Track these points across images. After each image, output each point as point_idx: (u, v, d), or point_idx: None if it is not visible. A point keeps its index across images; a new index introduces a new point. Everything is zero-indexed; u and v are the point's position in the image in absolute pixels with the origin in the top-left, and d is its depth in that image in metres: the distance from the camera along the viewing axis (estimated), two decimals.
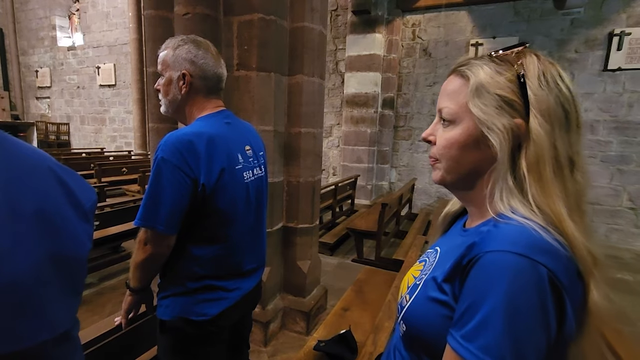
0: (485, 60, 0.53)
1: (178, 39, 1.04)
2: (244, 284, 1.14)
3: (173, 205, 0.93)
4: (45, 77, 11.07)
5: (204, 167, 0.95)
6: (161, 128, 2.14)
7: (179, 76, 1.02)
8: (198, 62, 1.02)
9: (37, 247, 0.51)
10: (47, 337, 0.52)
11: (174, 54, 1.02)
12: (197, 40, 1.05)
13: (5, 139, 0.53)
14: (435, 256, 0.59)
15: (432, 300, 0.52)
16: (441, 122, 0.56)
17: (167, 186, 0.91)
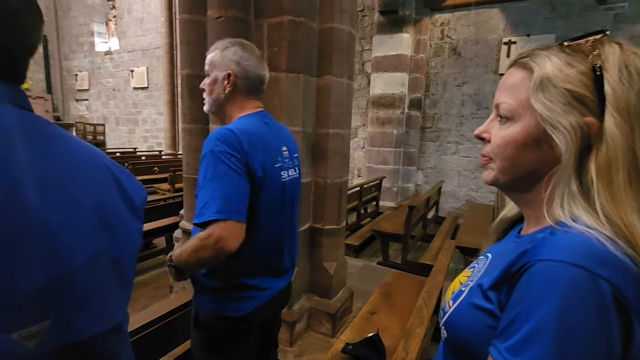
0: (554, 51, 0.48)
1: (226, 41, 1.08)
2: (275, 284, 1.16)
3: (240, 192, 0.94)
4: (84, 80, 11.71)
5: (249, 158, 0.97)
6: (193, 129, 2.20)
7: (224, 76, 1.06)
8: (243, 63, 1.06)
9: (96, 240, 0.53)
10: (102, 329, 0.54)
11: (222, 55, 1.06)
12: (243, 43, 1.09)
13: (68, 138, 0.56)
14: (484, 263, 0.56)
15: (476, 308, 0.49)
16: (498, 119, 0.52)
17: (229, 173, 0.93)
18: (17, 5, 0.48)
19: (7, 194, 0.43)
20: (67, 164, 0.52)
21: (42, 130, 0.52)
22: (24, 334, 0.43)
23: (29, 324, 0.44)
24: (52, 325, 0.46)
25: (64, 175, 0.51)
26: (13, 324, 0.42)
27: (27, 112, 0.51)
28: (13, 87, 0.51)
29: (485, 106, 5.50)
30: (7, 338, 0.42)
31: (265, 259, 1.10)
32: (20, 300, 0.43)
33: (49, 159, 0.50)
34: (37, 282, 0.45)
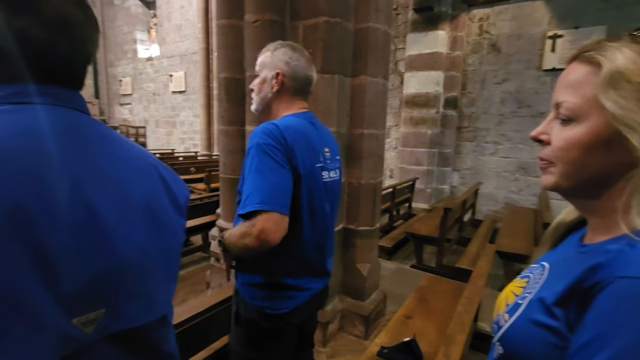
0: (625, 42, 0.43)
1: (277, 43, 1.12)
2: (315, 284, 1.16)
3: (284, 185, 0.95)
4: (127, 86, 12.42)
5: (292, 154, 0.98)
6: (230, 130, 2.26)
7: (272, 75, 1.09)
8: (292, 63, 1.08)
9: (145, 236, 0.56)
10: (150, 319, 0.57)
11: (272, 56, 1.10)
12: (293, 45, 1.12)
13: (120, 139, 0.59)
14: (541, 273, 0.51)
15: (538, 325, 0.45)
16: (558, 119, 0.48)
17: (274, 167, 0.95)
18: (78, 19, 0.52)
19: (70, 190, 0.47)
20: (120, 163, 0.56)
21: (99, 132, 0.55)
22: (82, 320, 0.46)
23: (87, 310, 0.47)
24: (106, 313, 0.49)
25: (118, 174, 0.54)
26: (74, 310, 0.45)
27: (86, 115, 0.55)
28: (74, 93, 0.55)
29: (527, 104, 5.21)
30: (69, 323, 0.45)
31: (308, 259, 1.11)
32: (80, 289, 0.46)
33: (104, 159, 0.53)
34: (94, 272, 0.48)
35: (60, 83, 0.52)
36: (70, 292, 0.45)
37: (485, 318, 2.22)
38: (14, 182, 0.42)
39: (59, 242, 0.44)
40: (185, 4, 10.01)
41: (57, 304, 0.43)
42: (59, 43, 0.50)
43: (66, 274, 0.44)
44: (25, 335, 0.41)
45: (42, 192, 0.44)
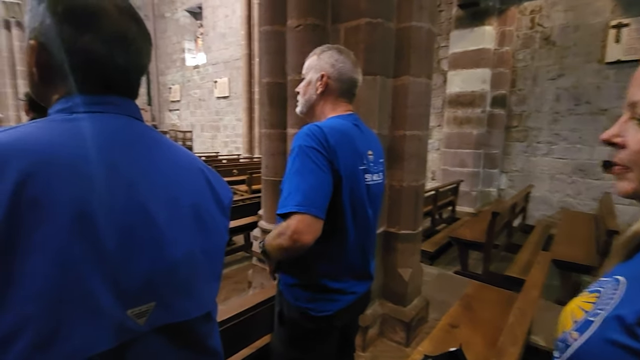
0: None
1: (324, 46, 1.14)
2: (359, 287, 1.15)
3: (323, 189, 0.96)
4: (176, 93, 13.19)
5: (335, 156, 0.98)
6: (272, 133, 2.31)
7: (317, 77, 1.11)
8: (337, 65, 1.09)
9: (192, 236, 0.59)
10: (196, 314, 0.60)
11: (318, 58, 1.12)
12: (339, 48, 1.13)
13: (170, 144, 0.63)
14: (615, 288, 0.46)
15: (615, 346, 0.40)
16: (635, 120, 0.44)
17: (314, 170, 0.95)
18: (133, 34, 0.56)
19: (126, 193, 0.50)
20: (170, 167, 0.59)
21: (151, 138, 0.59)
22: (135, 311, 0.50)
23: (140, 303, 0.50)
24: (156, 306, 0.52)
25: (168, 177, 0.57)
26: (128, 302, 0.49)
27: (140, 122, 0.59)
28: (130, 102, 0.59)
29: (586, 100, 4.79)
30: (124, 314, 0.48)
31: (351, 262, 1.10)
32: (134, 283, 0.50)
33: (156, 163, 0.57)
34: (146, 269, 0.51)
35: (118, 93, 0.57)
36: (126, 286, 0.49)
37: (538, 331, 2.07)
38: (80, 186, 0.46)
39: (118, 241, 0.48)
40: (229, 13, 10.43)
41: (115, 296, 0.47)
42: (117, 56, 0.54)
43: (122, 270, 0.48)
44: (88, 322, 0.45)
45: (103, 195, 0.47)
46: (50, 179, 0.43)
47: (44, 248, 0.42)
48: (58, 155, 0.45)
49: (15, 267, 0.40)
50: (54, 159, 0.45)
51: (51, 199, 0.43)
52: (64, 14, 0.50)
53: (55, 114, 0.52)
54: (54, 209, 0.43)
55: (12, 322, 0.40)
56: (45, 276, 0.42)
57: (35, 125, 0.48)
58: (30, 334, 0.41)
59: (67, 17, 0.50)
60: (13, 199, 0.40)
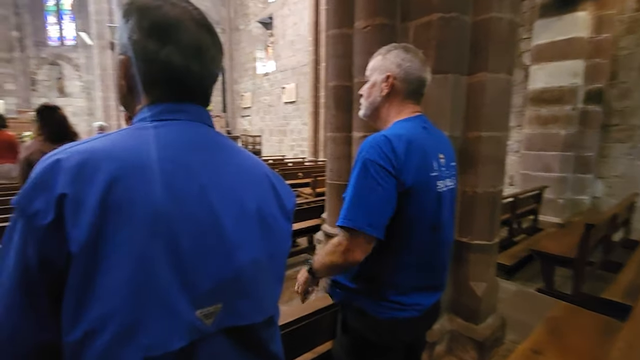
0: None
1: (390, 46, 1.09)
2: (425, 300, 1.08)
3: (381, 206, 0.93)
4: (247, 100, 14.06)
5: (403, 167, 0.94)
6: (337, 137, 2.31)
7: (382, 78, 1.06)
8: (404, 65, 1.04)
9: (258, 240, 0.59)
10: (260, 319, 0.60)
11: (383, 59, 1.07)
12: (407, 46, 1.08)
13: (238, 149, 0.64)
14: None
15: None
16: None
17: (374, 186, 0.93)
18: (207, 44, 0.58)
19: (198, 195, 0.52)
20: (238, 172, 0.60)
21: (221, 143, 0.61)
22: (204, 312, 0.51)
23: (208, 304, 0.51)
24: (223, 308, 0.53)
25: (235, 182, 0.58)
26: (197, 302, 0.50)
27: (211, 128, 0.62)
28: (202, 109, 0.62)
29: None
30: (193, 313, 0.50)
31: (415, 274, 1.04)
32: (203, 283, 0.51)
33: (225, 167, 0.58)
34: (214, 270, 0.52)
35: (192, 101, 0.60)
36: (196, 286, 0.50)
37: None
38: (157, 189, 0.49)
39: (189, 242, 0.50)
40: (297, 21, 10.81)
41: (185, 296, 0.49)
42: (193, 66, 0.57)
43: (193, 270, 0.50)
44: (163, 319, 0.47)
45: (177, 197, 0.50)
46: (132, 182, 0.47)
47: (125, 246, 0.45)
48: (139, 161, 0.49)
49: (102, 264, 0.44)
50: (135, 164, 0.48)
51: (132, 201, 0.46)
52: (149, 28, 0.55)
53: (138, 122, 0.57)
54: (135, 210, 0.46)
55: (98, 316, 0.44)
56: (126, 273, 0.45)
57: (121, 134, 0.53)
58: (113, 327, 0.44)
59: (151, 32, 0.55)
60: (102, 201, 0.44)
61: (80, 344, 0.44)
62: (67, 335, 0.45)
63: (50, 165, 0.45)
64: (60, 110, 2.67)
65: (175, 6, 0.56)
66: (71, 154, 0.46)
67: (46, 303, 0.45)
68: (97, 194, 0.44)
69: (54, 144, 2.52)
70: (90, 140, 0.51)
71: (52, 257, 0.44)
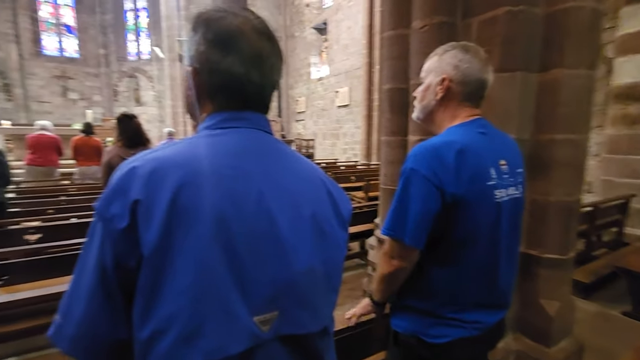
0: None
1: (447, 45, 1.04)
2: (484, 318, 1.00)
3: (420, 218, 0.90)
4: (302, 104, 14.39)
5: (452, 179, 0.89)
6: (392, 141, 2.25)
7: (438, 81, 1.01)
8: (462, 66, 0.98)
9: (313, 248, 0.58)
10: (315, 329, 0.59)
11: (439, 60, 1.02)
12: (466, 45, 1.01)
13: (294, 155, 0.64)
14: None
15: None
16: None
17: (415, 197, 0.90)
18: (268, 52, 0.59)
19: (256, 201, 0.53)
20: (295, 178, 0.60)
21: (279, 150, 0.61)
22: (260, 318, 0.51)
23: (264, 311, 0.52)
24: (279, 316, 0.53)
25: (292, 187, 0.58)
26: (254, 308, 0.51)
27: (269, 135, 0.62)
28: (261, 116, 0.62)
29: None
30: (251, 320, 0.50)
31: (474, 290, 0.97)
32: (260, 289, 0.51)
33: (282, 173, 0.58)
34: (271, 277, 0.52)
35: (252, 108, 0.61)
36: (253, 292, 0.51)
37: None
38: (219, 194, 0.50)
39: (247, 247, 0.50)
40: (351, 25, 10.83)
41: (243, 302, 0.50)
42: (252, 75, 0.58)
43: (250, 276, 0.50)
44: (223, 323, 0.48)
45: (237, 203, 0.51)
46: (196, 188, 0.49)
47: (189, 251, 0.47)
48: (202, 167, 0.51)
49: (168, 267, 0.46)
50: (199, 170, 0.50)
51: (196, 206, 0.48)
52: (214, 40, 0.57)
53: (203, 130, 0.59)
54: (198, 215, 0.48)
55: (164, 316, 0.46)
56: (189, 277, 0.47)
57: (187, 142, 0.56)
58: (177, 329, 0.46)
59: (215, 43, 0.57)
60: (170, 206, 0.46)
61: (148, 343, 0.47)
62: (138, 333, 0.48)
63: (127, 172, 0.49)
64: (136, 118, 2.96)
65: (237, 16, 0.58)
66: (145, 161, 0.50)
67: (120, 302, 0.49)
68: (165, 200, 0.47)
69: (131, 149, 2.80)
70: (160, 148, 0.54)
71: (125, 259, 0.47)
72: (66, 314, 0.50)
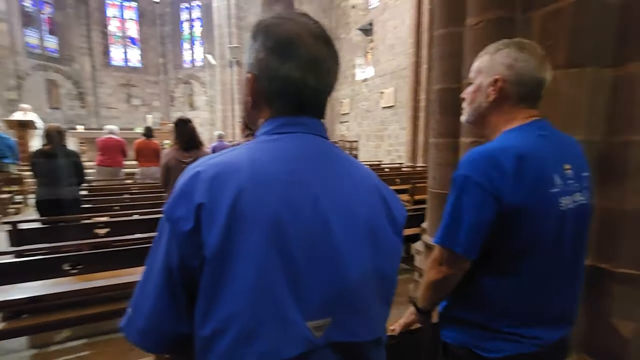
0: None
1: (499, 43, 0.97)
2: (545, 334, 0.93)
3: (474, 227, 0.86)
4: (346, 106, 14.38)
5: (510, 186, 0.83)
6: (442, 143, 2.17)
7: (489, 82, 0.95)
8: (517, 65, 0.91)
9: (367, 255, 0.57)
10: (369, 338, 0.58)
11: (491, 59, 0.96)
12: (521, 42, 0.94)
13: (349, 159, 0.64)
14: None
15: None
16: None
17: (468, 206, 0.86)
18: (324, 57, 0.59)
19: (312, 206, 0.53)
20: (350, 183, 0.59)
21: (334, 154, 0.61)
22: (314, 324, 0.51)
23: (318, 317, 0.51)
24: (332, 323, 0.52)
25: (347, 193, 0.57)
26: (308, 314, 0.50)
27: (325, 140, 0.62)
28: (317, 121, 0.62)
29: None
30: (305, 325, 0.50)
31: (534, 304, 0.91)
32: (314, 295, 0.51)
33: (338, 179, 0.58)
34: (325, 283, 0.52)
35: (308, 113, 0.61)
36: (306, 296, 0.50)
37: None
38: (277, 199, 0.51)
39: (302, 252, 0.50)
40: (398, 24, 10.62)
41: (298, 306, 0.50)
42: (309, 80, 0.58)
43: (305, 281, 0.50)
44: (278, 326, 0.49)
45: (293, 208, 0.51)
46: (255, 193, 0.50)
47: (248, 253, 0.48)
48: (261, 172, 0.52)
49: (229, 268, 0.48)
50: (258, 175, 0.52)
51: (255, 210, 0.49)
52: (273, 46, 0.58)
53: (261, 135, 0.61)
54: (256, 219, 0.49)
55: (224, 317, 0.48)
56: (247, 279, 0.48)
57: (246, 147, 0.57)
58: (236, 330, 0.48)
59: (275, 49, 0.58)
60: (231, 210, 0.48)
61: (209, 341, 0.49)
62: (199, 330, 0.50)
63: (192, 176, 0.51)
64: (191, 122, 3.15)
65: (295, 22, 0.59)
66: (208, 166, 0.52)
67: (184, 299, 0.52)
68: (226, 204, 0.48)
69: (186, 152, 2.99)
70: (222, 154, 0.56)
71: (190, 259, 0.49)
72: (136, 308, 0.54)
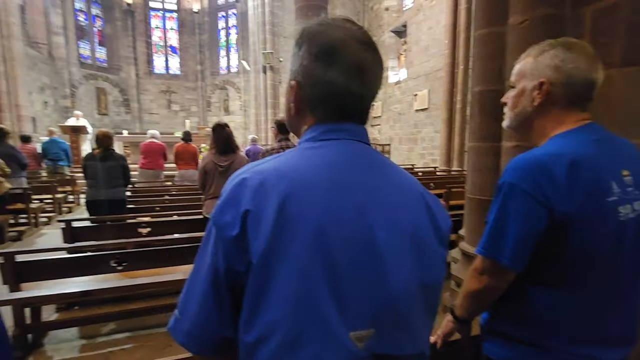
0: None
1: (545, 43, 0.91)
2: (600, 354, 0.86)
3: (521, 237, 0.82)
4: (378, 109, 14.22)
5: (563, 195, 0.78)
6: (481, 147, 2.08)
7: (534, 86, 0.89)
8: (565, 67, 0.85)
9: (411, 266, 0.55)
10: (412, 351, 0.56)
11: (535, 62, 0.90)
12: (569, 42, 0.88)
13: (392, 166, 0.62)
14: None
15: None
16: None
17: (515, 215, 0.82)
18: (369, 63, 0.58)
19: (356, 213, 0.52)
20: (394, 191, 0.58)
21: (379, 161, 0.60)
22: (356, 335, 0.50)
23: (361, 327, 0.50)
24: (375, 334, 0.51)
25: (392, 201, 0.56)
26: (351, 324, 0.50)
27: (368, 146, 0.61)
28: (360, 127, 0.62)
29: None
30: (347, 335, 0.49)
31: (582, 317, 0.85)
32: (356, 304, 0.50)
33: (382, 186, 0.57)
34: (368, 292, 0.51)
35: (351, 120, 0.60)
36: (349, 306, 0.50)
37: None
38: (320, 206, 0.50)
39: (345, 260, 0.50)
40: (433, 25, 10.39)
41: (340, 316, 0.49)
42: (353, 86, 0.57)
43: (347, 289, 0.50)
44: (319, 335, 0.48)
45: (337, 215, 0.51)
46: (300, 199, 0.50)
47: (292, 260, 0.48)
48: (305, 179, 0.52)
49: (273, 275, 0.48)
50: (303, 182, 0.52)
51: (299, 217, 0.49)
52: (318, 53, 0.58)
53: (304, 142, 0.61)
54: (301, 226, 0.49)
55: (268, 323, 0.48)
56: (291, 286, 0.48)
57: (291, 154, 0.58)
58: (279, 337, 0.48)
59: (319, 56, 0.57)
60: (276, 216, 0.49)
61: (253, 347, 0.50)
62: (243, 335, 0.51)
63: (238, 183, 0.53)
64: (228, 127, 3.25)
65: (340, 29, 0.59)
66: (253, 173, 0.53)
67: (229, 303, 0.53)
68: (272, 211, 0.49)
69: (222, 156, 3.09)
70: (267, 160, 0.57)
71: (235, 264, 0.50)
72: (182, 311, 0.55)
